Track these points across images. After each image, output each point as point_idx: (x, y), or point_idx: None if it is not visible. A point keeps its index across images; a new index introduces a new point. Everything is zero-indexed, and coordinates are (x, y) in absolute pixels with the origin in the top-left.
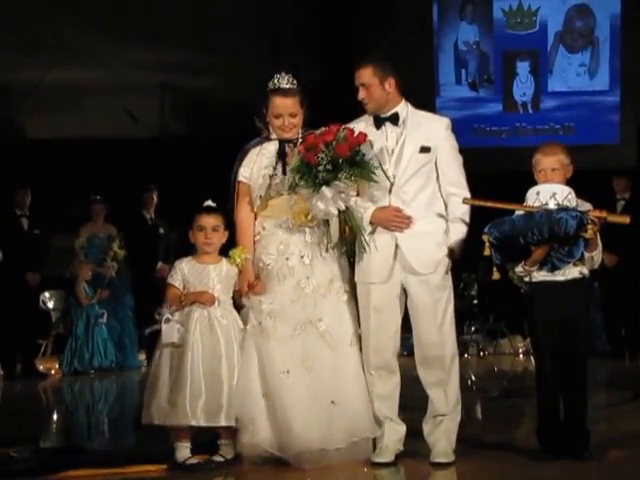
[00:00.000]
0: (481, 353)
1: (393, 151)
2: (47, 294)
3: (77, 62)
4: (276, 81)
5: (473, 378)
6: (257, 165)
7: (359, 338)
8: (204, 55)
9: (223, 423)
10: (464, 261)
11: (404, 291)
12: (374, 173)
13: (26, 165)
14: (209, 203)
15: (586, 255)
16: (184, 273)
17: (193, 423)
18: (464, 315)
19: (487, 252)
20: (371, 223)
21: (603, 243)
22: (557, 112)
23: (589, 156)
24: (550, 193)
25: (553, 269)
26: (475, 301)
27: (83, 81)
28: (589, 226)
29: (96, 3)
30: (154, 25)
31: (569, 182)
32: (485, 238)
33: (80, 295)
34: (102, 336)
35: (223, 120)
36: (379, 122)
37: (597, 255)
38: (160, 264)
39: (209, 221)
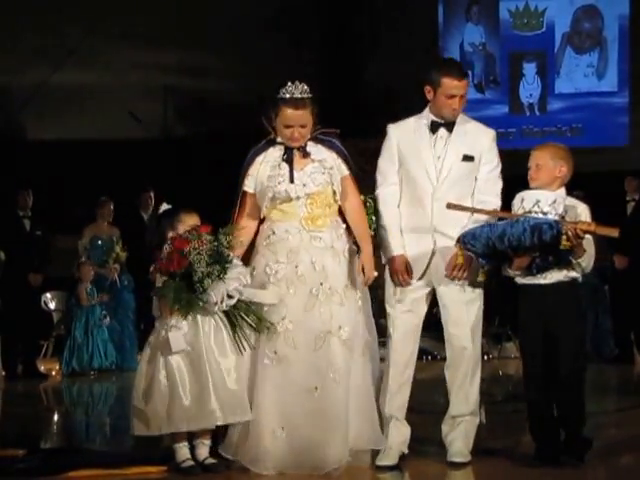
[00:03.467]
0: (486, 357)
1: (439, 157)
2: (49, 295)
3: (80, 64)
4: (289, 90)
5: None
6: (261, 174)
7: (370, 346)
8: (207, 57)
9: (239, 418)
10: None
11: (433, 292)
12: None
13: (29, 166)
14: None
15: (573, 261)
16: None
17: (222, 422)
18: None
19: (460, 260)
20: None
21: (613, 246)
22: (564, 114)
23: (597, 158)
24: (534, 200)
25: (537, 273)
26: None
27: (86, 83)
28: (563, 237)
29: (100, 5)
30: (157, 27)
31: (573, 184)
32: (458, 248)
33: (81, 296)
34: (102, 337)
35: (226, 122)
36: (436, 127)
37: (586, 261)
38: (153, 266)
39: (198, 220)
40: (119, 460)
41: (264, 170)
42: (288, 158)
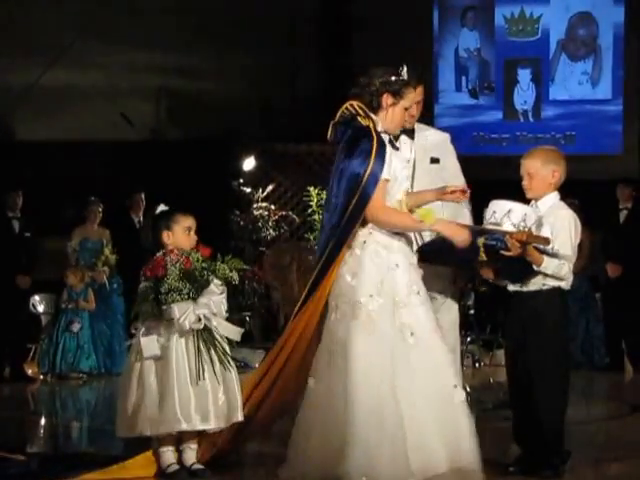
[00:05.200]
0: (477, 364)
1: (409, 161)
2: (37, 297)
3: (73, 64)
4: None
5: (468, 389)
6: (394, 165)
7: None
8: (200, 59)
9: (213, 425)
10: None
11: None
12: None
13: (19, 167)
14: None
15: (535, 268)
16: None
17: (185, 428)
18: (460, 325)
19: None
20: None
21: (606, 254)
22: (558, 121)
23: (590, 166)
24: (491, 212)
25: (515, 282)
26: (472, 311)
27: (78, 84)
28: (481, 250)
29: (93, 5)
30: (150, 28)
31: (567, 191)
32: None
33: (61, 298)
34: (73, 344)
35: (219, 124)
36: (397, 135)
37: (552, 268)
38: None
39: (194, 222)
40: (106, 465)
41: (394, 161)
42: (395, 148)
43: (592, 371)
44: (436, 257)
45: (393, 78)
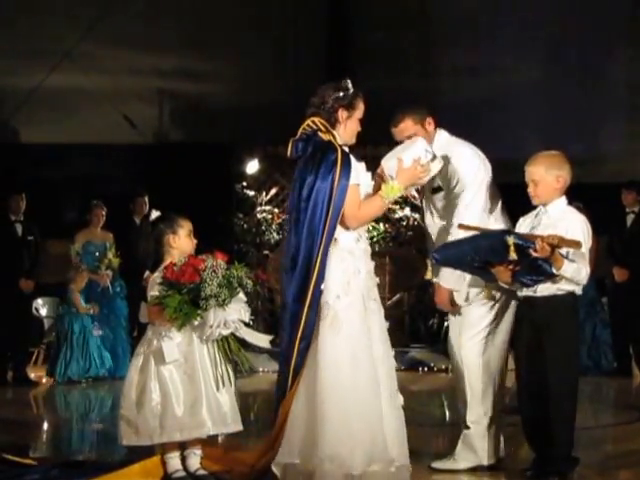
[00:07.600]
0: None
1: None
2: (40, 301)
3: (75, 67)
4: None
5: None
6: (358, 171)
7: None
8: (203, 61)
9: (233, 428)
10: None
11: None
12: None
13: (21, 170)
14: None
15: (555, 272)
16: None
17: (213, 431)
18: None
19: (428, 275)
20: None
21: (613, 258)
22: None
23: (595, 169)
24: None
25: (530, 285)
26: None
27: (81, 86)
28: (511, 248)
29: (95, 8)
30: (153, 31)
31: (571, 194)
32: (429, 264)
33: (77, 302)
34: (97, 344)
35: (221, 127)
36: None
37: (569, 272)
38: (147, 273)
39: (191, 226)
40: (110, 470)
41: (358, 168)
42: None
43: (599, 376)
44: (456, 262)
45: (341, 93)
